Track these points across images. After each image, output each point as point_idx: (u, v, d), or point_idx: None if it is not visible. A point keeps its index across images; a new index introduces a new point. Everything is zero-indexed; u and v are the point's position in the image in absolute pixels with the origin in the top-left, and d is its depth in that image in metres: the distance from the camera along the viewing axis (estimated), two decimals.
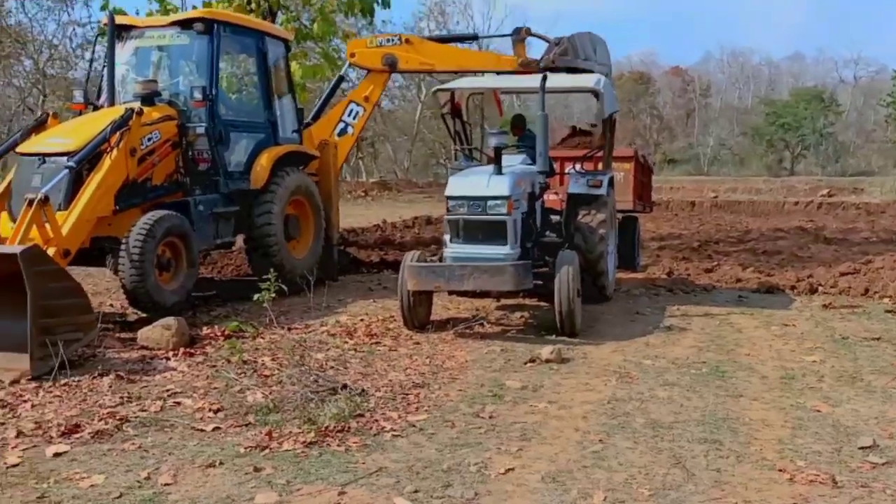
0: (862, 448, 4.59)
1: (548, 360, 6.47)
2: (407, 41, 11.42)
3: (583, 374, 6.19)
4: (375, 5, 14.55)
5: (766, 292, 9.76)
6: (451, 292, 7.99)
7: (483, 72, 11.47)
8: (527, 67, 10.57)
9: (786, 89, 67.97)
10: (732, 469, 4.30)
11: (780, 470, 4.27)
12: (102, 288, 9.61)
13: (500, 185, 7.41)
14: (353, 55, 11.52)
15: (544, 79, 8.06)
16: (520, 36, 11.04)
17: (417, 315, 7.69)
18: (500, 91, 10.69)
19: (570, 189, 8.87)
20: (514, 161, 8.47)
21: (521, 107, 33.26)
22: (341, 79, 12.90)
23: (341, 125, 11.27)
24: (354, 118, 11.27)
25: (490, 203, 7.36)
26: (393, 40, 11.29)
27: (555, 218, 8.86)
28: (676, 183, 36.85)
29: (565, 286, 7.18)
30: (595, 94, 9.05)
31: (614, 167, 10.46)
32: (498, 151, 7.64)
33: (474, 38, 12.15)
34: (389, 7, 15.02)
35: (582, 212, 8.67)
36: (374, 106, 11.79)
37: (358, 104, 11.33)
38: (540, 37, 11.01)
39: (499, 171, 7.56)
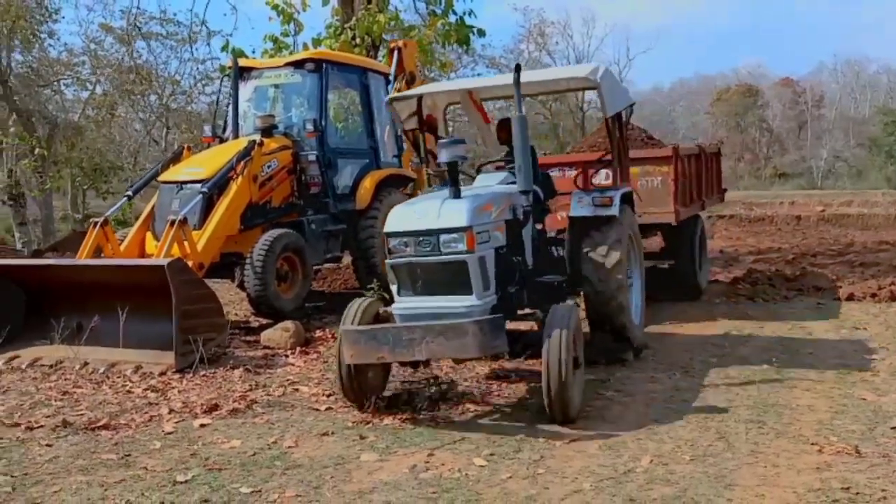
0: (894, 427, 5.07)
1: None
2: None
3: (650, 370, 6.84)
4: (471, 35, 15.53)
5: (846, 300, 10.02)
6: (402, 364, 5.98)
7: None
8: None
9: None
10: (770, 443, 4.90)
11: (813, 444, 4.85)
12: (227, 300, 10.81)
13: (454, 214, 5.52)
14: None
15: (518, 69, 6.05)
16: None
17: (362, 382, 5.70)
18: (478, 95, 8.41)
19: (572, 212, 6.94)
20: (491, 181, 6.80)
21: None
22: None
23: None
24: None
25: (444, 238, 5.47)
26: None
27: (561, 251, 7.09)
28: (788, 197, 36.06)
29: (555, 357, 5.18)
30: (592, 86, 6.99)
31: (647, 172, 9.08)
32: (453, 168, 5.71)
33: None
34: (484, 36, 15.97)
35: (588, 241, 6.80)
36: None
37: None
38: None
39: (455, 195, 5.70)
